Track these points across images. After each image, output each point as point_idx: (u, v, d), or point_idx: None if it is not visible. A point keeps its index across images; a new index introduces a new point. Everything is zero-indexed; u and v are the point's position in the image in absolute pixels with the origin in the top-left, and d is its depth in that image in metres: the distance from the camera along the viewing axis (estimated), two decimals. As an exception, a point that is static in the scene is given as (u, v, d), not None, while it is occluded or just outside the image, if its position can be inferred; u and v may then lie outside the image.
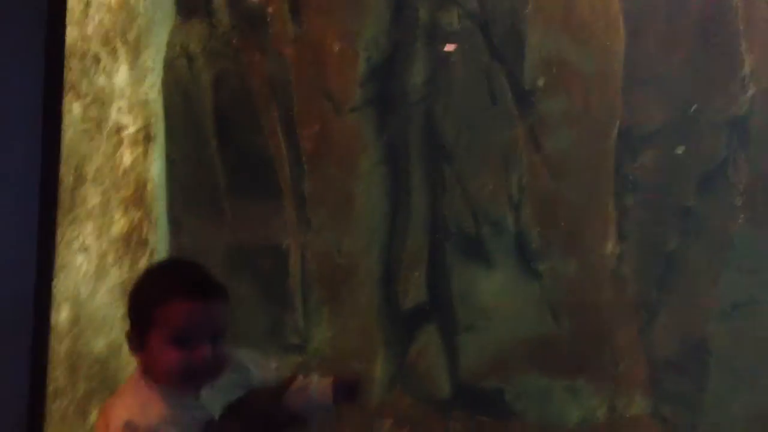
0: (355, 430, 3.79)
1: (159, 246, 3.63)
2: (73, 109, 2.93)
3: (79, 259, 3.07)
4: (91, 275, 3.14)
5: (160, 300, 1.57)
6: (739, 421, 4.08)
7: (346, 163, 3.87)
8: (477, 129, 3.91)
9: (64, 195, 2.87)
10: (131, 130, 3.31)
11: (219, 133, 3.79)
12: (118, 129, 3.25)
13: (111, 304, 3.22)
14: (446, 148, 3.94)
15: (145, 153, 3.44)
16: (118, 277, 3.30)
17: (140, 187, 3.44)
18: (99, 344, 3.09)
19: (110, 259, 3.24)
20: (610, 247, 4.09)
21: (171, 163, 3.73)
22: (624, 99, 4.05)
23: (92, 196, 3.13)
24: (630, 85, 4.04)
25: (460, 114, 3.93)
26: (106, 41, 3.14)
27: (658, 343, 4.16)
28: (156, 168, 3.57)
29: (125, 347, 1.74)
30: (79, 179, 3.03)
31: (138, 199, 3.42)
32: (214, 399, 1.61)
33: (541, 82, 3.94)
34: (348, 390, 1.67)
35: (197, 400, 1.60)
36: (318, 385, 1.67)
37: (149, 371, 1.59)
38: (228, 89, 3.78)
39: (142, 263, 3.44)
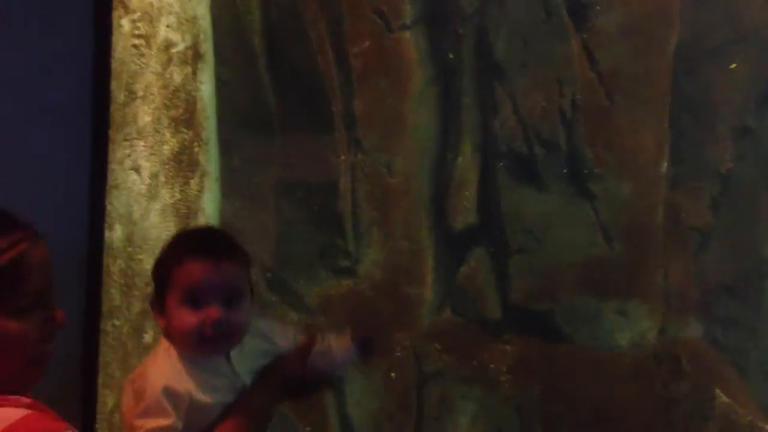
0: (405, 353, 3.87)
1: (210, 167, 3.62)
2: (123, 25, 2.88)
3: (132, 178, 3.07)
4: (144, 194, 3.13)
5: (175, 261, 1.58)
6: (793, 345, 4.13)
7: (397, 82, 3.86)
8: (530, 44, 3.88)
9: (115, 112, 2.84)
10: (180, 47, 3.25)
11: (268, 51, 3.79)
12: (167, 46, 3.19)
13: (163, 225, 3.22)
14: (498, 64, 3.91)
15: (195, 71, 3.38)
16: (170, 197, 3.29)
17: (190, 106, 3.39)
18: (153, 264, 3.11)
19: (162, 178, 3.23)
20: (665, 167, 4.05)
21: (220, 82, 3.69)
22: (683, 14, 3.98)
23: (143, 115, 3.10)
24: (689, -1, 3.98)
25: (513, 29, 3.89)
26: (153, -45, 3.07)
27: (712, 266, 4.18)
28: (206, 87, 3.53)
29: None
30: (130, 96, 3.00)
31: (188, 118, 3.37)
32: (243, 365, 1.60)
33: (597, -4, 3.89)
34: (367, 344, 1.70)
35: (229, 366, 1.58)
36: (338, 343, 1.68)
37: (169, 336, 1.58)
38: (276, 5, 3.77)
39: (193, 184, 3.43)
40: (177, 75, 3.29)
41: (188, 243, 1.63)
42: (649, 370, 3.96)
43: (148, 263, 3.14)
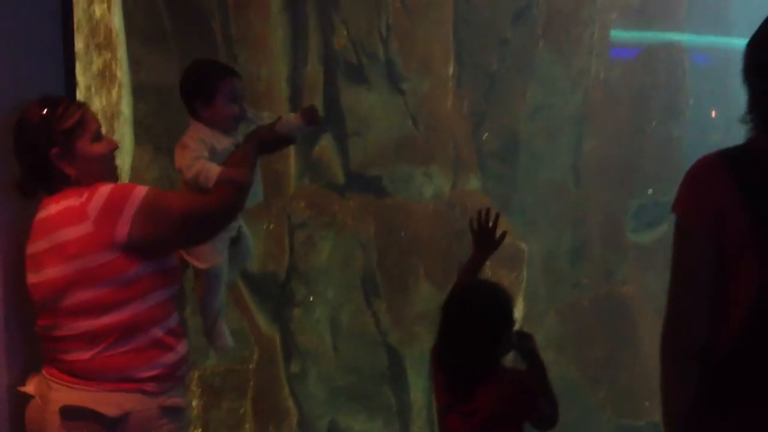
0: (279, 210, 4.43)
1: (124, 79, 4.17)
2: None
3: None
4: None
5: (220, 76, 2.35)
6: (542, 189, 4.99)
7: (259, 11, 4.31)
8: (355, -17, 4.42)
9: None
10: (98, -11, 3.80)
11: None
12: (89, -11, 3.75)
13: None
14: (333, -3, 4.45)
15: (109, 7, 3.93)
16: (99, 103, 3.91)
17: (108, 34, 3.92)
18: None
19: (93, 90, 3.84)
20: (451, 69, 4.77)
21: (128, 14, 4.11)
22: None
23: (77, 42, 3.67)
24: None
25: (344, -29, 4.40)
26: None
27: (485, 138, 4.93)
28: (117, 19, 4.04)
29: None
30: (68, 29, 3.56)
31: (107, 43, 3.92)
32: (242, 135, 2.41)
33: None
34: (309, 115, 2.39)
35: (236, 132, 2.40)
36: (292, 117, 2.40)
37: (213, 119, 2.32)
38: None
39: (114, 93, 4.02)
40: (97, 11, 3.87)
41: (224, 67, 2.40)
42: (444, 213, 4.69)
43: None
